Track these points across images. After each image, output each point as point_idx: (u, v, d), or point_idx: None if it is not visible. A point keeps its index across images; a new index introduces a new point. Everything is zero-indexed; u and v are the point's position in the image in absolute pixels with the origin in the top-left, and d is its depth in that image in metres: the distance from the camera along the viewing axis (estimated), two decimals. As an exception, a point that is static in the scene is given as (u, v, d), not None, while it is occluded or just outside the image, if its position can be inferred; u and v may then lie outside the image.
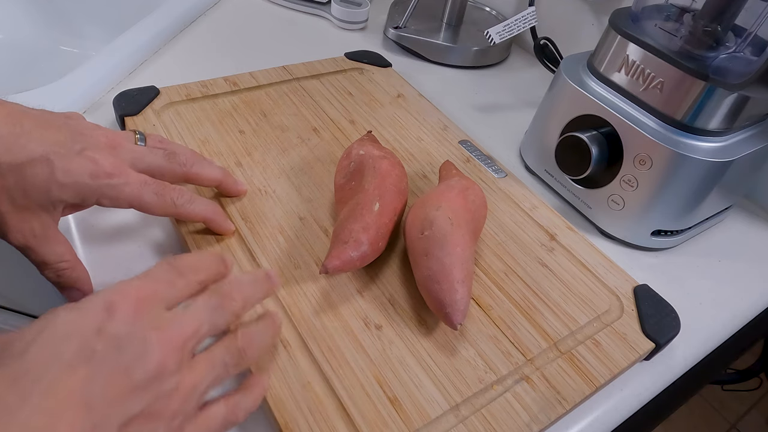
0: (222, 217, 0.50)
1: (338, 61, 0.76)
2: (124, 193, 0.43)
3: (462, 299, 0.43)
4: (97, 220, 0.53)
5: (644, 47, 0.55)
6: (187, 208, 0.47)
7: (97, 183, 0.42)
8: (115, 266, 0.50)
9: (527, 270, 0.53)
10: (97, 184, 0.42)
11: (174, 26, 0.79)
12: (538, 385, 0.44)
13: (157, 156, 0.47)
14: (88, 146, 0.43)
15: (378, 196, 0.48)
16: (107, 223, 0.53)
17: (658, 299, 0.52)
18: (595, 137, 0.57)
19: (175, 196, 0.46)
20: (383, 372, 0.43)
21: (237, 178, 0.54)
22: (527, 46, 0.94)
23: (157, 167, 0.47)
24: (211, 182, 0.51)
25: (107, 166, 0.43)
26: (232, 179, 0.53)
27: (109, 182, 0.43)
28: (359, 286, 0.48)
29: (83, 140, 0.43)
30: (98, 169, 0.42)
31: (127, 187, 0.43)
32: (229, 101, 0.65)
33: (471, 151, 0.65)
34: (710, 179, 0.56)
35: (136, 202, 0.44)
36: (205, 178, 0.50)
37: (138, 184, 0.44)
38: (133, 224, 0.53)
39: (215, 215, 0.49)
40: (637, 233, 0.60)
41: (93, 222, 0.52)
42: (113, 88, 0.68)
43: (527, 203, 0.60)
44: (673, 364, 0.52)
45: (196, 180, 0.50)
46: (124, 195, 0.43)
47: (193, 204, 0.47)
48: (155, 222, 0.53)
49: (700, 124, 0.54)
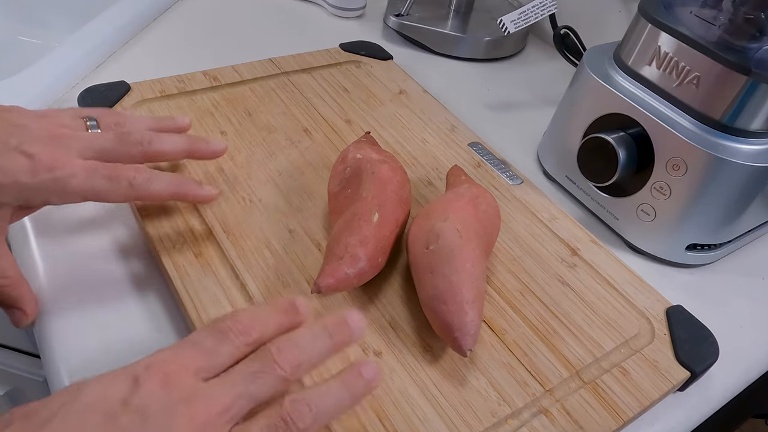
0: (192, 186, 0.49)
1: (332, 53, 0.77)
2: (72, 186, 0.43)
3: (472, 322, 0.43)
4: (53, 216, 0.54)
5: (678, 37, 0.56)
6: (147, 188, 0.46)
7: (37, 180, 0.42)
8: (75, 268, 0.50)
9: (546, 289, 0.53)
10: (37, 181, 0.42)
11: (146, 14, 0.80)
12: (558, 419, 0.44)
13: (108, 139, 0.47)
14: (25, 140, 0.43)
15: (377, 205, 0.48)
16: (65, 219, 0.54)
17: (693, 322, 0.53)
18: (623, 139, 0.58)
19: (131, 176, 0.45)
20: (383, 404, 0.43)
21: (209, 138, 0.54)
22: (546, 36, 0.95)
23: (110, 151, 0.46)
24: (177, 155, 0.51)
25: (46, 160, 0.43)
26: (203, 143, 0.52)
27: (51, 176, 0.42)
28: (356, 308, 0.49)
29: (19, 134, 0.43)
30: (36, 165, 0.42)
31: (74, 179, 0.43)
32: (208, 98, 0.66)
33: (482, 154, 0.66)
34: (752, 186, 0.56)
35: (88, 193, 0.44)
36: (167, 153, 0.50)
37: (86, 172, 0.44)
38: (94, 218, 0.54)
39: (181, 188, 0.49)
40: (670, 247, 0.61)
41: (48, 219, 0.53)
42: (78, 83, 0.69)
43: (546, 213, 0.60)
44: (711, 395, 0.52)
45: (159, 157, 0.50)
46: (71, 188, 0.43)
47: (153, 182, 0.47)
48: (116, 216, 0.54)
49: (741, 124, 0.55)
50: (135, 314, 0.48)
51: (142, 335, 0.47)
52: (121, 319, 0.48)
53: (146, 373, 0.32)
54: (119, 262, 0.52)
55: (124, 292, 0.50)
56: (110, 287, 0.50)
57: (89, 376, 0.33)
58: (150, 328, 0.47)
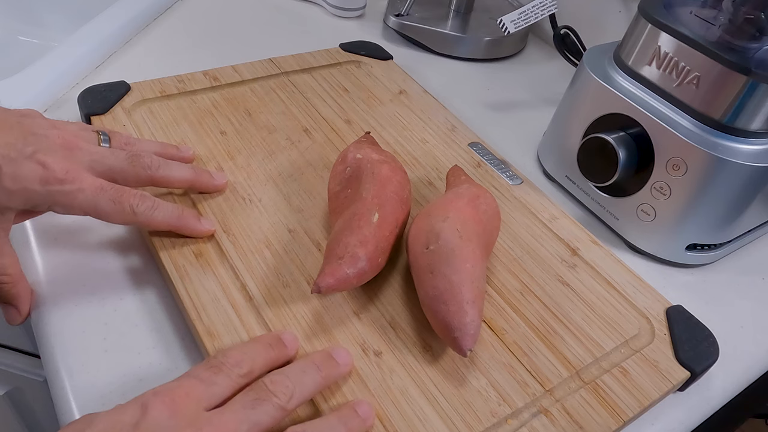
0: (191, 221, 0.50)
1: (332, 53, 0.77)
2: (78, 200, 0.44)
3: (472, 322, 0.43)
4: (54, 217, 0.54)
5: (678, 37, 0.56)
6: (148, 216, 0.48)
7: (47, 189, 0.43)
8: (75, 268, 0.51)
9: (546, 289, 0.53)
10: (47, 190, 0.43)
11: (146, 14, 0.80)
12: (558, 419, 0.44)
13: (119, 158, 0.48)
14: (41, 149, 0.44)
15: (377, 205, 0.48)
16: (66, 219, 0.54)
17: (693, 322, 0.53)
18: (623, 139, 0.58)
19: (135, 203, 0.47)
20: (383, 404, 0.43)
21: (213, 171, 0.55)
22: (546, 35, 0.95)
23: (119, 171, 0.48)
24: (182, 185, 0.52)
25: (58, 171, 0.44)
26: (207, 176, 0.54)
27: (61, 188, 0.43)
28: (356, 308, 0.49)
29: (36, 142, 0.44)
30: (49, 175, 0.43)
31: (81, 193, 0.44)
32: (208, 98, 0.66)
33: (482, 154, 0.66)
34: (753, 186, 0.56)
35: (91, 210, 0.45)
36: (174, 181, 0.51)
37: (93, 190, 0.45)
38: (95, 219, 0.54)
39: (181, 221, 0.50)
40: (671, 247, 0.61)
41: (49, 219, 0.53)
42: (78, 83, 0.69)
43: (546, 214, 0.60)
44: (711, 395, 0.52)
45: (164, 183, 0.51)
46: (77, 202, 0.44)
47: (156, 211, 0.48)
48: None
49: (741, 124, 0.55)
50: (135, 314, 0.48)
51: (142, 335, 0.47)
52: (121, 319, 0.48)
53: (154, 398, 0.34)
54: (119, 262, 0.52)
55: (125, 292, 0.50)
56: (110, 288, 0.50)
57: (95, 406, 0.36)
58: (150, 328, 0.48)
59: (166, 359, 0.46)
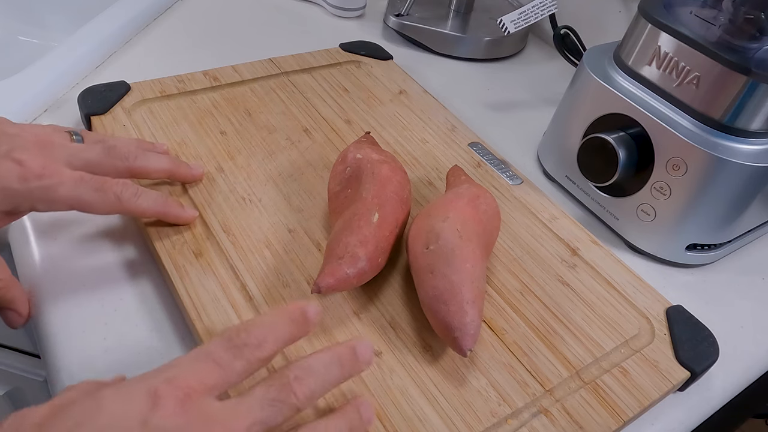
0: (175, 208, 0.51)
1: (332, 53, 0.77)
2: (59, 194, 0.44)
3: (472, 322, 0.43)
4: (54, 217, 0.54)
5: (678, 37, 0.56)
6: (134, 203, 0.48)
7: (26, 186, 0.43)
8: (75, 268, 0.51)
9: (546, 289, 0.53)
10: (26, 187, 0.43)
11: (146, 14, 0.80)
12: (558, 419, 0.44)
13: (95, 151, 0.48)
14: (15, 147, 0.44)
15: (377, 205, 0.48)
16: (66, 219, 0.54)
17: (693, 322, 0.53)
18: (623, 139, 0.58)
19: (119, 191, 0.47)
20: (383, 404, 0.43)
21: (189, 162, 0.56)
22: (546, 35, 0.95)
23: (96, 163, 0.48)
24: (159, 174, 0.53)
25: (36, 167, 0.43)
26: (184, 166, 0.55)
27: (40, 184, 0.43)
28: (356, 308, 0.49)
29: (9, 141, 0.44)
30: (26, 171, 0.43)
31: (62, 187, 0.44)
32: (209, 98, 0.66)
33: (482, 154, 0.66)
34: (753, 186, 0.56)
35: (74, 202, 0.45)
36: (151, 171, 0.52)
37: (73, 182, 0.45)
38: (95, 219, 0.54)
39: (166, 208, 0.50)
40: (670, 247, 0.61)
41: (49, 219, 0.54)
42: (78, 83, 0.69)
43: (546, 214, 0.60)
44: (711, 395, 0.52)
45: (142, 174, 0.51)
46: (59, 196, 0.44)
47: (140, 197, 0.48)
48: (116, 216, 0.55)
49: (741, 124, 0.55)
50: (135, 314, 0.48)
51: (142, 335, 0.47)
52: (121, 319, 0.48)
53: (166, 388, 0.32)
54: (119, 262, 0.52)
55: (125, 292, 0.50)
56: (110, 287, 0.50)
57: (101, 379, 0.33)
58: (150, 328, 0.48)
59: (166, 359, 0.46)
